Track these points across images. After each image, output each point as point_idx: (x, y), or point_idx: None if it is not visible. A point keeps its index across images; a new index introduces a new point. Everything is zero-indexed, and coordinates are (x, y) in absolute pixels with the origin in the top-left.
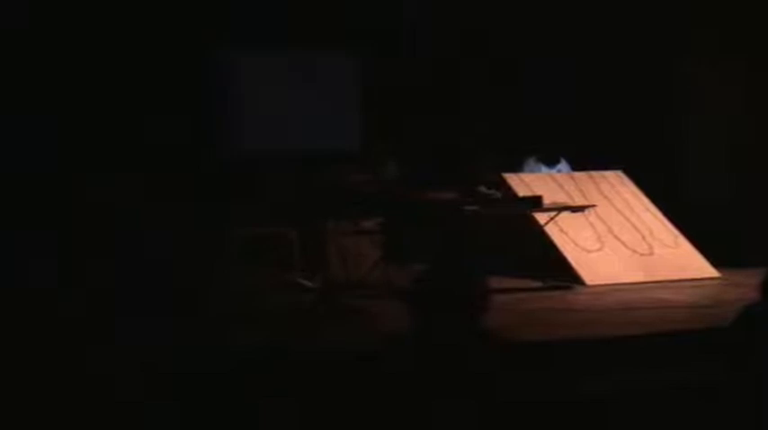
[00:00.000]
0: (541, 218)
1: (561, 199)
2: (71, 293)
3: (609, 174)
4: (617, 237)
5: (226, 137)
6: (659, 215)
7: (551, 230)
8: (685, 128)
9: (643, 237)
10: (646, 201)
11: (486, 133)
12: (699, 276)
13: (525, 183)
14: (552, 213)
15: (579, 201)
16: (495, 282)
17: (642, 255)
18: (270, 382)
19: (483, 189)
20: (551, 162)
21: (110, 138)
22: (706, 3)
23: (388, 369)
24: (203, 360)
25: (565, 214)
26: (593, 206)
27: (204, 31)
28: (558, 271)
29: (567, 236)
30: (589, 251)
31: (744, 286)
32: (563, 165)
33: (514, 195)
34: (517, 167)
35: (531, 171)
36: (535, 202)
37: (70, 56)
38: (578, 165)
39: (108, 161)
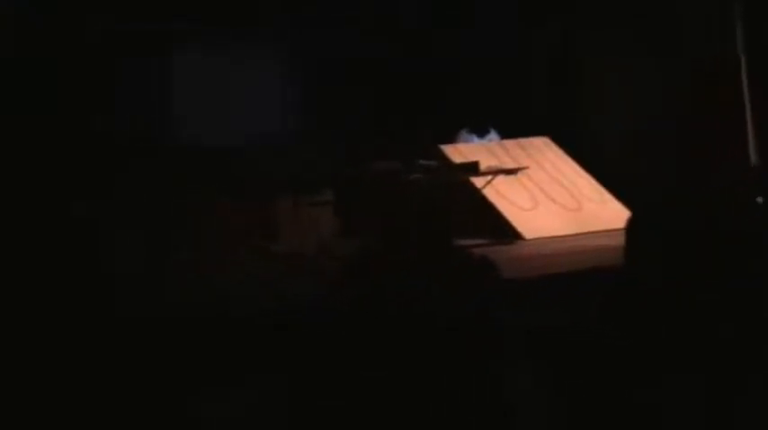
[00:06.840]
0: (478, 183)
1: (494, 165)
2: None
3: (536, 140)
4: (548, 196)
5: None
6: (585, 175)
7: (488, 193)
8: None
9: (571, 195)
10: (571, 162)
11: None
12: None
13: (460, 152)
14: (488, 177)
15: (511, 167)
16: None
17: (572, 210)
18: None
19: (421, 161)
20: (482, 132)
21: None
22: None
23: None
24: None
25: (500, 178)
26: (525, 168)
27: None
28: (498, 230)
29: (504, 197)
30: (525, 209)
31: None
32: (493, 135)
33: (452, 163)
34: (450, 140)
35: (464, 142)
36: (472, 168)
37: None
38: (507, 133)
39: None
